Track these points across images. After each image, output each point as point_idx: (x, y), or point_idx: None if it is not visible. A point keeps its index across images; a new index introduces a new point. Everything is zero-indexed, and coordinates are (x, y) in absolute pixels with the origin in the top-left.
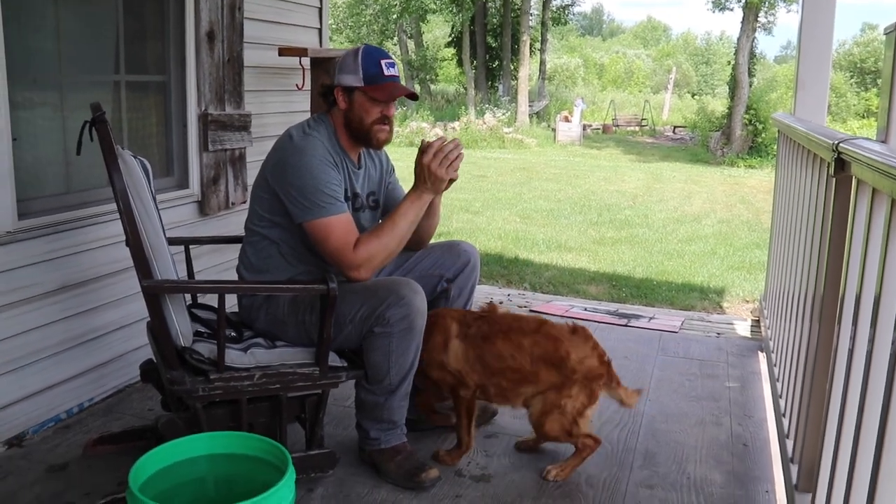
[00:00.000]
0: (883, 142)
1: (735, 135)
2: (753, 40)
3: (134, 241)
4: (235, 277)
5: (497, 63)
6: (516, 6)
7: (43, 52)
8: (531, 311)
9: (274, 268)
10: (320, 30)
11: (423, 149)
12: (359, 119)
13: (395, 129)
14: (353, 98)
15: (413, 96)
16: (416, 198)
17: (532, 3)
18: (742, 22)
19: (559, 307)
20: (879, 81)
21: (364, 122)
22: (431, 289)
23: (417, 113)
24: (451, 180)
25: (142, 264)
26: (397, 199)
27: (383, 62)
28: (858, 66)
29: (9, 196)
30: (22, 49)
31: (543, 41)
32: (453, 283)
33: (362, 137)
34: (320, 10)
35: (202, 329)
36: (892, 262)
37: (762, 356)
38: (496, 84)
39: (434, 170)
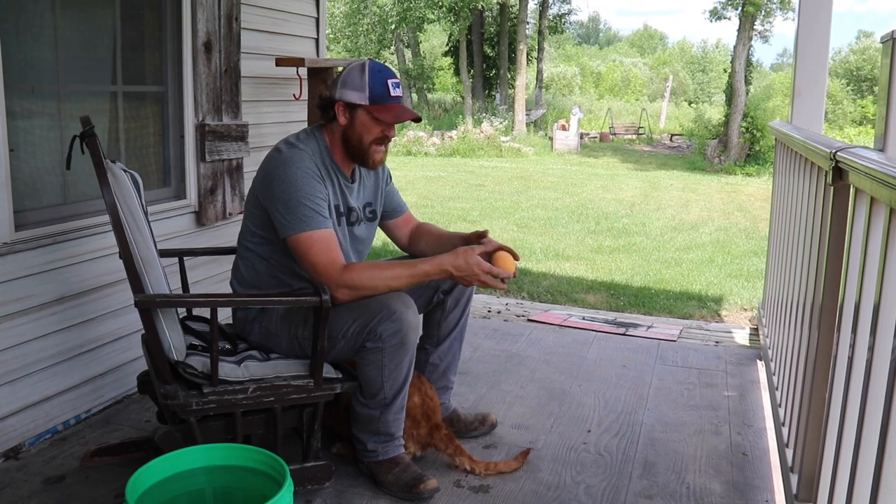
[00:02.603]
0: (881, 150)
1: (732, 143)
2: (750, 48)
3: (125, 255)
4: (230, 289)
5: (494, 72)
6: (513, 15)
7: (41, 61)
8: (529, 320)
9: (266, 284)
10: (317, 40)
11: (492, 257)
12: (358, 137)
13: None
14: (354, 115)
15: (417, 119)
16: (437, 270)
17: (529, 13)
18: (738, 30)
19: (557, 316)
20: (876, 89)
21: (363, 141)
22: (427, 301)
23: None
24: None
25: (133, 278)
26: (395, 204)
27: (390, 82)
28: (854, 73)
29: (6, 207)
30: (19, 59)
31: (540, 50)
32: (449, 295)
33: (358, 156)
34: (317, 20)
35: (196, 342)
36: (891, 271)
37: (761, 365)
38: (493, 93)
39: (476, 278)
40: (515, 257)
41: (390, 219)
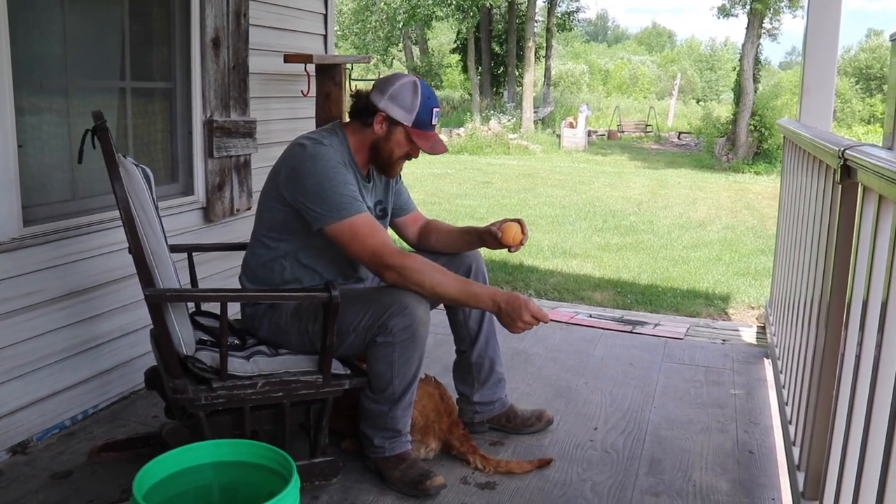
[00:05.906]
0: (889, 148)
1: (740, 141)
2: (758, 46)
3: (136, 249)
4: (238, 284)
5: (502, 69)
6: (521, 13)
7: (49, 57)
8: None
9: (276, 280)
10: (325, 36)
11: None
12: (389, 151)
13: None
14: (392, 130)
15: (445, 151)
16: (488, 297)
17: (537, 10)
18: (747, 28)
19: (564, 314)
20: (885, 87)
21: (393, 155)
22: None
23: None
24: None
25: (144, 273)
26: (404, 202)
27: (435, 110)
28: (864, 71)
29: (14, 202)
30: (28, 55)
31: (548, 47)
32: None
33: (381, 164)
34: (325, 16)
35: (205, 337)
36: None
37: (768, 363)
38: (501, 90)
39: (520, 319)
40: (523, 230)
41: (399, 216)
